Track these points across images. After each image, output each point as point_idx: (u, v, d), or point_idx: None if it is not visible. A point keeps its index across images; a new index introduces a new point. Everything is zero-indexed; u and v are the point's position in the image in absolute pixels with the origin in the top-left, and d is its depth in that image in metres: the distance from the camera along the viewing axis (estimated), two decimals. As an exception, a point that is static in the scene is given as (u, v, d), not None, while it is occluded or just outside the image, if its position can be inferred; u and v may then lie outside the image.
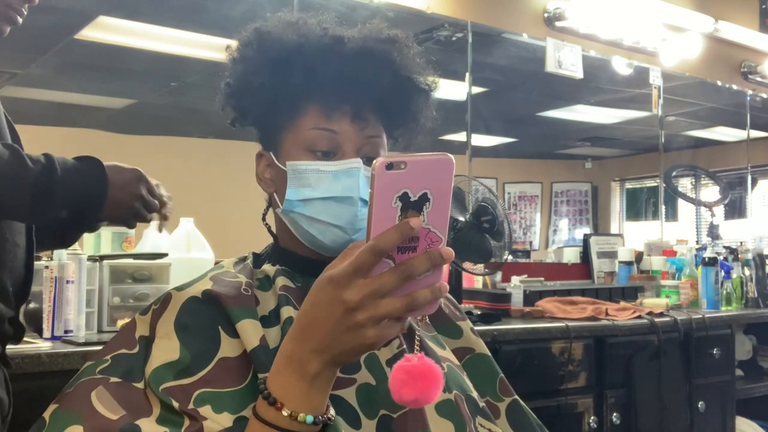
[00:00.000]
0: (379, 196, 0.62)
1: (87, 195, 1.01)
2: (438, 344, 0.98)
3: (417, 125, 0.99)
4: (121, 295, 1.76)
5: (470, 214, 2.17)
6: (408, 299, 0.64)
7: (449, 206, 0.65)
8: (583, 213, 4.68)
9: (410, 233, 0.62)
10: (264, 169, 0.96)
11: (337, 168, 0.89)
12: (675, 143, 4.42)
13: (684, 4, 3.91)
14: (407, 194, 0.63)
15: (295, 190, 0.90)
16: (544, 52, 3.37)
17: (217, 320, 0.83)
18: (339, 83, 0.89)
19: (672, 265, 3.17)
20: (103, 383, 0.78)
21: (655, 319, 2.43)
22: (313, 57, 0.90)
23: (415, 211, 0.63)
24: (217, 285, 0.87)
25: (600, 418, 2.28)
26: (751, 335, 3.19)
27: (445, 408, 0.87)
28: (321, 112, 0.89)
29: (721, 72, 4.29)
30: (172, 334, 0.81)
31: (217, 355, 0.80)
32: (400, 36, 0.95)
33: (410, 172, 0.62)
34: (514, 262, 3.31)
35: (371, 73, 0.90)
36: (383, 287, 0.63)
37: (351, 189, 0.89)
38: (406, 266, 0.63)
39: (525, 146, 4.59)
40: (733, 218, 4.70)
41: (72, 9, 2.44)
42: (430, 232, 0.64)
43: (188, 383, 0.77)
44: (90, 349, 1.41)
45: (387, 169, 0.62)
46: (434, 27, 3.15)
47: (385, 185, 0.62)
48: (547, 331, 2.16)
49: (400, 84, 0.93)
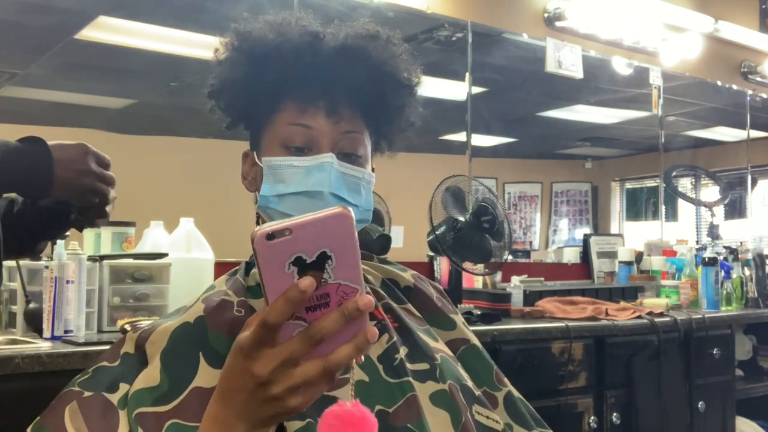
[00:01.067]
0: (266, 267, 0.58)
1: (30, 176, 0.97)
2: (431, 337, 0.98)
3: (401, 121, 0.99)
4: (121, 295, 1.76)
5: (470, 214, 2.17)
6: (325, 362, 0.59)
7: (358, 256, 0.60)
8: (583, 213, 4.68)
9: (301, 298, 0.58)
10: (249, 168, 0.96)
11: (308, 163, 0.89)
12: (675, 143, 4.42)
13: (684, 4, 3.91)
14: (301, 258, 0.58)
15: (270, 186, 0.90)
16: (544, 52, 3.37)
17: (200, 348, 0.82)
18: (313, 78, 0.89)
19: (672, 265, 3.17)
20: (77, 398, 0.79)
21: (655, 319, 2.43)
22: (288, 53, 0.90)
23: (317, 271, 0.59)
24: (209, 309, 0.86)
25: (600, 418, 2.28)
26: (751, 335, 3.19)
27: (440, 397, 0.87)
28: (296, 108, 0.90)
29: (721, 72, 4.29)
30: (157, 358, 0.81)
31: (191, 384, 0.79)
32: (381, 32, 0.94)
33: (298, 236, 0.58)
34: (514, 262, 3.31)
35: (346, 68, 0.90)
36: (293, 355, 0.59)
37: (321, 184, 0.88)
38: (315, 330, 0.59)
39: (525, 146, 4.59)
40: (733, 218, 4.70)
41: (72, 9, 2.44)
42: (341, 286, 0.60)
43: (163, 411, 0.77)
44: (90, 349, 1.41)
45: (268, 239, 0.57)
46: (434, 27, 3.15)
47: (270, 256, 0.58)
48: (547, 331, 2.16)
49: (377, 78, 0.93)
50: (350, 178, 0.91)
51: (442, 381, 0.89)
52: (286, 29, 0.92)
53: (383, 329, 0.91)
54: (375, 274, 1.02)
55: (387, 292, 1.00)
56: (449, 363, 0.94)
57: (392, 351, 0.89)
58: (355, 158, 0.92)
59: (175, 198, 2.47)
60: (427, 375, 0.89)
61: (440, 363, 0.91)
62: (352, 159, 0.91)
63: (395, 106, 0.96)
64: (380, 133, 0.99)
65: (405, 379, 0.86)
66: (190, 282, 1.83)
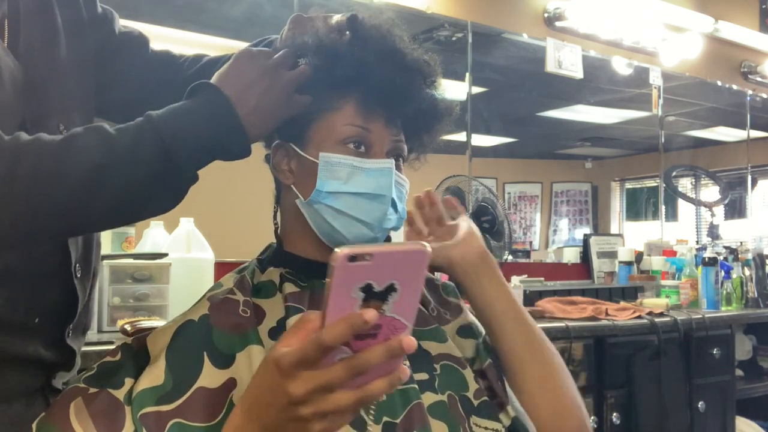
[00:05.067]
0: (337, 288, 0.57)
1: (223, 142, 0.83)
2: (437, 339, 0.96)
3: (432, 142, 1.01)
4: (121, 295, 1.76)
5: (470, 214, 2.17)
6: (360, 394, 0.59)
7: (419, 295, 0.59)
8: (583, 213, 4.69)
9: (363, 328, 0.57)
10: (281, 159, 0.95)
11: (371, 166, 0.90)
12: (675, 143, 4.42)
13: (684, 4, 3.92)
14: (371, 286, 0.57)
15: (325, 182, 0.90)
16: (544, 52, 3.37)
17: (205, 347, 0.82)
18: (383, 87, 0.90)
19: (672, 265, 3.17)
20: (83, 394, 0.79)
21: (655, 319, 2.43)
22: (370, 55, 0.90)
23: (379, 302, 0.58)
24: (214, 308, 0.86)
25: (600, 418, 2.28)
26: (751, 335, 3.19)
27: (438, 409, 0.87)
28: (358, 111, 0.90)
29: (721, 72, 4.30)
30: (162, 357, 0.81)
31: (196, 383, 0.79)
32: (431, 59, 0.97)
33: (376, 264, 0.56)
34: (514, 262, 3.31)
35: (413, 86, 0.92)
36: (331, 383, 0.59)
37: (384, 188, 0.90)
38: (360, 361, 0.58)
39: (525, 146, 4.60)
40: (733, 218, 4.71)
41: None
42: (394, 320, 0.59)
43: (166, 411, 0.77)
44: (90, 349, 1.41)
45: (349, 261, 0.56)
46: (434, 27, 3.15)
47: (345, 277, 0.56)
48: (547, 331, 2.13)
49: (433, 102, 0.95)
50: (399, 186, 0.93)
51: (440, 392, 0.89)
52: (370, 33, 0.93)
53: None
54: None
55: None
56: (450, 372, 0.93)
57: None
58: (399, 166, 0.95)
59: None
60: (426, 386, 0.89)
61: (439, 373, 0.91)
62: (398, 167, 0.94)
63: (436, 130, 0.99)
64: (412, 147, 1.00)
65: (411, 386, 0.86)
66: (190, 282, 1.83)
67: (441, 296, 1.05)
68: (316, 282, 0.92)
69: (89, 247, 1.00)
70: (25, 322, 0.89)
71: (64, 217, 0.77)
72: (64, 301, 0.94)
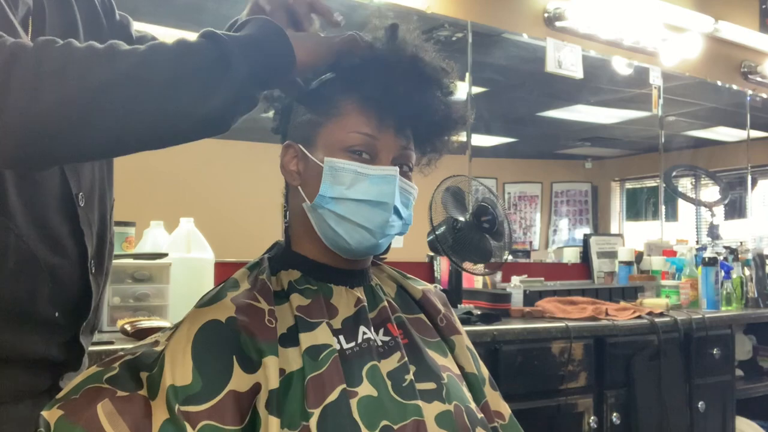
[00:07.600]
0: None
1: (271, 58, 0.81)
2: (440, 351, 0.98)
3: (444, 150, 1.01)
4: (121, 295, 1.76)
5: (470, 214, 2.17)
6: None
7: None
8: (583, 213, 4.68)
9: None
10: (290, 160, 0.96)
11: (375, 172, 0.90)
12: (675, 143, 4.42)
13: (684, 4, 3.91)
14: None
15: (329, 187, 0.90)
16: (544, 52, 3.37)
17: (233, 350, 0.82)
18: (393, 96, 0.90)
19: (672, 265, 3.16)
20: (110, 396, 0.78)
21: (655, 319, 2.43)
22: (380, 64, 0.90)
23: None
24: (241, 312, 0.86)
25: (600, 418, 2.28)
26: (751, 335, 3.19)
27: (445, 419, 0.88)
28: (367, 119, 0.90)
29: (721, 72, 4.29)
30: (188, 355, 0.81)
31: (228, 386, 0.80)
32: (448, 67, 0.96)
33: None
34: (514, 262, 3.31)
35: (426, 96, 0.92)
36: None
37: (387, 195, 0.90)
38: None
39: (525, 146, 4.59)
40: (733, 218, 4.70)
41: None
42: None
43: (195, 411, 0.77)
44: (89, 349, 1.41)
45: None
46: (434, 27, 3.15)
47: None
48: (547, 331, 2.16)
49: (446, 114, 0.95)
50: (405, 192, 0.94)
51: (448, 401, 0.90)
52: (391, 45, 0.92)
53: (396, 347, 0.92)
54: (390, 283, 1.04)
55: (401, 302, 1.01)
56: (455, 382, 0.95)
57: (403, 371, 0.89)
58: (407, 173, 0.95)
59: (175, 198, 2.47)
60: (434, 395, 0.89)
61: (447, 382, 0.92)
62: (405, 174, 0.94)
63: (448, 138, 1.00)
64: (424, 153, 1.00)
65: (413, 402, 0.86)
66: (190, 282, 1.83)
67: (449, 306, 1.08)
68: (325, 286, 0.93)
69: (102, 243, 1.01)
70: (46, 316, 0.90)
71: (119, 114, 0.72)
72: (80, 297, 0.95)
